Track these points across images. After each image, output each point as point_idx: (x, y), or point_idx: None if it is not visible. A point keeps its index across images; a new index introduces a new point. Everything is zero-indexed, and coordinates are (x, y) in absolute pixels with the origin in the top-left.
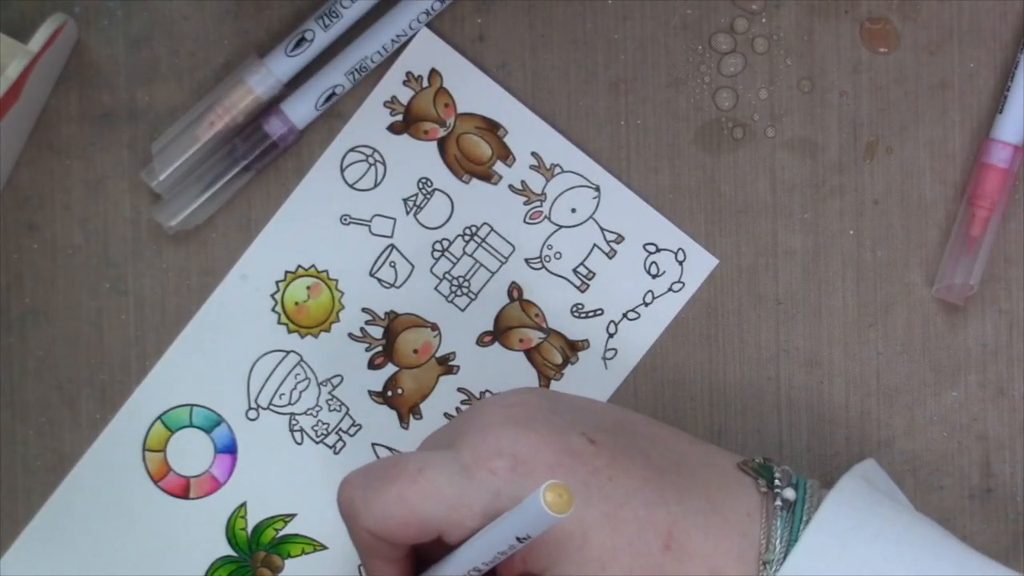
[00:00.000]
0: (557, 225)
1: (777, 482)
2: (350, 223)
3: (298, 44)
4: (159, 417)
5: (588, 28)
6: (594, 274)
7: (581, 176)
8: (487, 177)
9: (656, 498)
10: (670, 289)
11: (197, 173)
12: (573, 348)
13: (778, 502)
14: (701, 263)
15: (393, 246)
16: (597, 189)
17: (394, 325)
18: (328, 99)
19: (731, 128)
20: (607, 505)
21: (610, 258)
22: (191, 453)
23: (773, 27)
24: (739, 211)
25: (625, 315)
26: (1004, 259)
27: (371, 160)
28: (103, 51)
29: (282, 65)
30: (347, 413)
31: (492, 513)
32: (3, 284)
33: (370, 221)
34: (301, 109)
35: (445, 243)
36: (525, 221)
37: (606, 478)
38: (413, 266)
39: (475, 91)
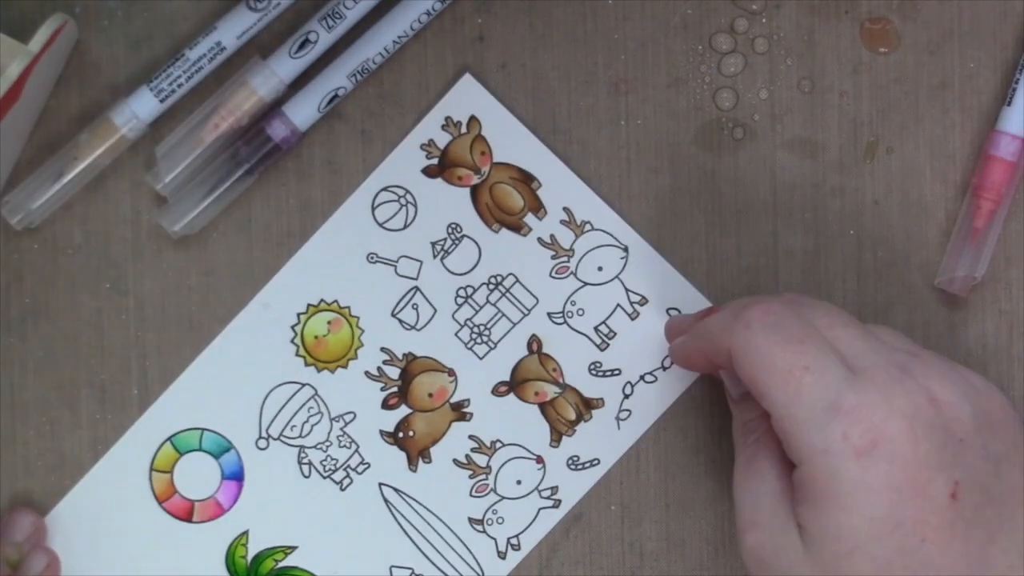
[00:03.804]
0: (582, 282)
1: None
2: (376, 262)
3: (302, 46)
4: (169, 438)
5: (588, 28)
6: (615, 334)
7: (611, 235)
8: (517, 228)
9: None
10: None
11: (200, 177)
12: (588, 406)
13: None
14: None
15: (417, 288)
16: (625, 250)
17: (411, 367)
18: (331, 101)
19: (731, 128)
20: (896, 556)
21: (632, 319)
22: (198, 477)
23: (773, 27)
24: (739, 211)
25: (642, 377)
26: (1004, 259)
27: (403, 201)
28: (103, 51)
29: (285, 67)
30: (357, 450)
31: (810, 456)
32: (3, 284)
33: (396, 261)
34: (303, 112)
35: (469, 290)
36: (551, 275)
37: (919, 537)
38: (436, 310)
39: (513, 141)
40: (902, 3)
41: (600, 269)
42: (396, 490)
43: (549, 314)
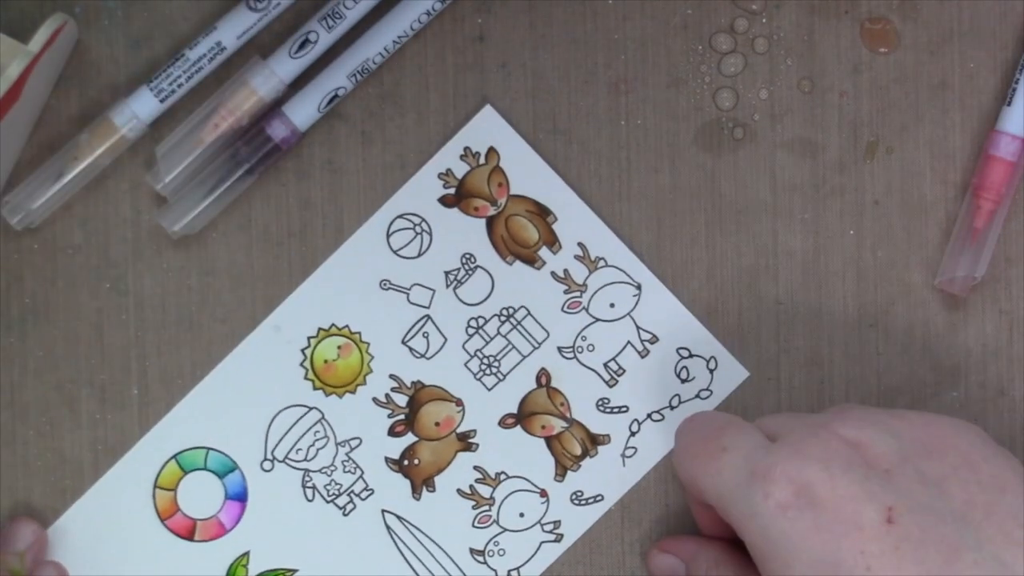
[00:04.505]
0: (594, 318)
1: None
2: (389, 289)
3: (302, 46)
4: (174, 456)
5: (588, 28)
6: (624, 371)
7: (624, 272)
8: (531, 261)
9: None
10: (697, 396)
11: (200, 177)
12: (594, 441)
13: None
14: (732, 374)
15: (429, 317)
16: (638, 288)
17: (419, 395)
18: (331, 101)
19: (731, 128)
20: None
21: (642, 357)
22: (201, 496)
23: (773, 27)
24: (739, 211)
25: (650, 415)
26: (1004, 259)
27: (418, 229)
28: (103, 51)
29: (285, 66)
30: (361, 476)
31: (743, 523)
32: (3, 284)
33: (409, 289)
34: (303, 112)
35: (481, 320)
36: (563, 309)
37: (864, 567)
38: (446, 339)
39: (530, 175)
40: (902, 3)
41: (612, 306)
42: (399, 517)
43: (559, 348)
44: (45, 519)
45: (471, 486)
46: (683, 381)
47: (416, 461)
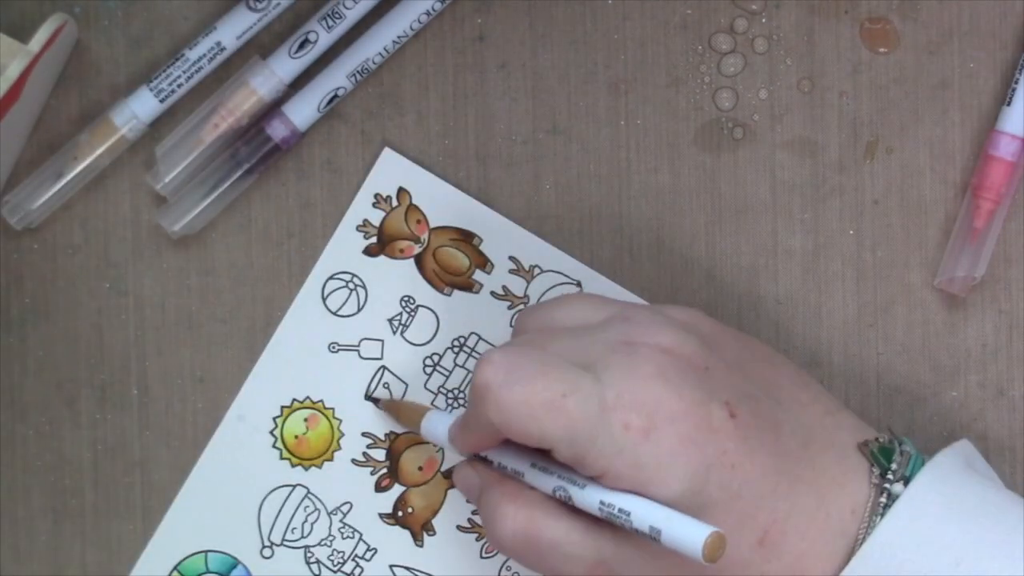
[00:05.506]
0: None
1: (891, 473)
2: (339, 350)
3: (302, 46)
4: (176, 567)
5: (588, 28)
6: None
7: (561, 274)
8: (468, 287)
9: (768, 491)
10: None
11: (200, 177)
12: None
13: (883, 498)
14: None
15: (384, 367)
16: (579, 284)
17: (396, 445)
18: (331, 101)
19: (731, 128)
20: (720, 493)
21: None
22: None
23: (773, 27)
24: (739, 211)
25: None
26: (1004, 259)
27: (351, 285)
28: (103, 51)
29: (285, 66)
30: (361, 539)
31: (609, 461)
32: (3, 284)
33: (358, 346)
34: (303, 111)
35: (436, 357)
36: (511, 325)
37: (729, 465)
38: (407, 385)
39: (444, 204)
40: (902, 3)
41: None
42: (408, 568)
43: None
44: (45, 520)
45: (469, 519)
46: None
47: (410, 509)
